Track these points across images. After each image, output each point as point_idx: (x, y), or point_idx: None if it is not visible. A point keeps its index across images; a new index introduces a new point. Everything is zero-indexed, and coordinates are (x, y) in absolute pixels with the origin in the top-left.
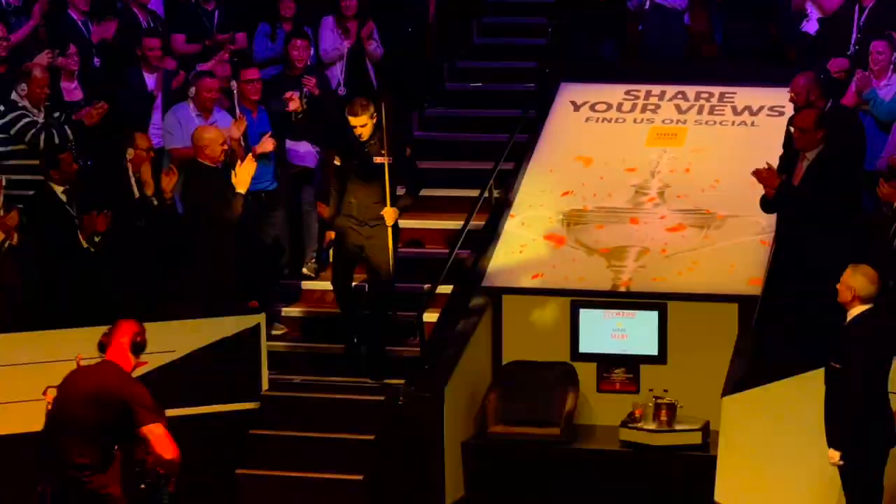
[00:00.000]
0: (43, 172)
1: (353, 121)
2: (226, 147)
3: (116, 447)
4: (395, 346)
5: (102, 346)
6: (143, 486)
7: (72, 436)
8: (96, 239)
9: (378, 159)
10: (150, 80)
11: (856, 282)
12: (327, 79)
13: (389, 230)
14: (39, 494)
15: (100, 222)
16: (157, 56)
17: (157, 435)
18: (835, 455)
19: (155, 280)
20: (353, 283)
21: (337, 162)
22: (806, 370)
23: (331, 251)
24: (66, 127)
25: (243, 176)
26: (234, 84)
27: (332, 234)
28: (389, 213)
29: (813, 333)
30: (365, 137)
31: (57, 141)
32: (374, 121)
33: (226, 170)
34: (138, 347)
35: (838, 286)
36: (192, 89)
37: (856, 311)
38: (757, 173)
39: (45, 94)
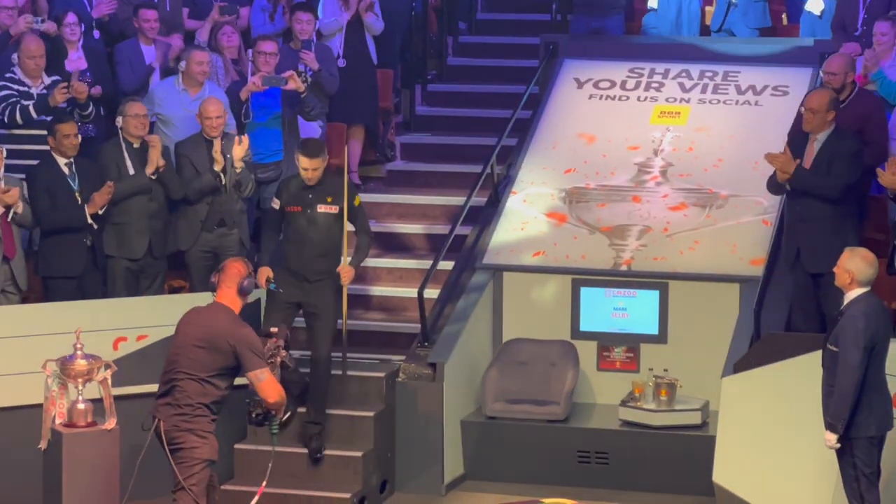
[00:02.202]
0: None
1: (306, 163)
2: (214, 122)
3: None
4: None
5: (213, 287)
6: (255, 414)
7: (185, 378)
8: (100, 212)
9: (323, 208)
10: (147, 52)
11: (853, 265)
12: (329, 50)
13: (345, 290)
14: (155, 427)
15: (102, 195)
16: (153, 28)
17: (262, 381)
18: (832, 438)
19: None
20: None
21: (275, 205)
22: (806, 352)
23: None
24: (31, 106)
25: (216, 154)
26: (248, 54)
27: (268, 271)
28: (347, 272)
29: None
30: (314, 182)
31: (20, 119)
32: (325, 164)
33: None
34: (245, 290)
35: (836, 269)
36: (183, 63)
37: (853, 293)
38: (772, 157)
39: (39, 65)
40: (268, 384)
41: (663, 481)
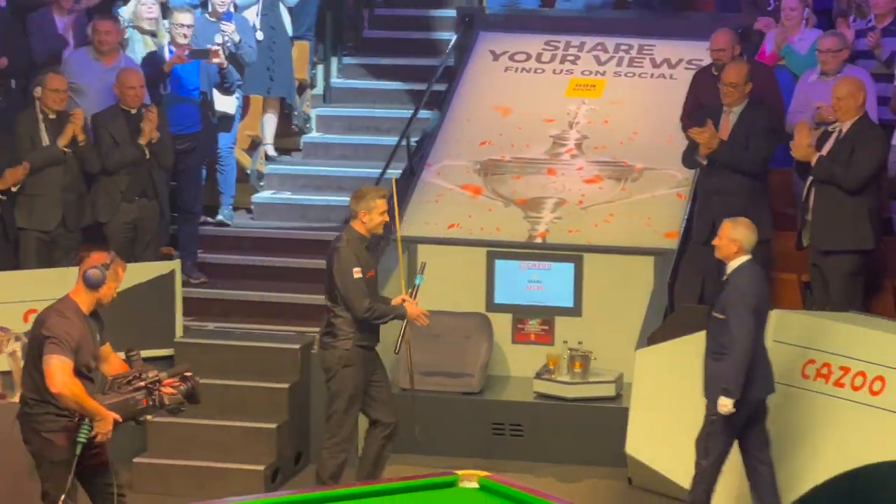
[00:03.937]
0: None
1: (383, 205)
2: (137, 92)
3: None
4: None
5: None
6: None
7: (25, 375)
8: (13, 189)
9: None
10: (60, 23)
11: (739, 234)
12: (246, 21)
13: (409, 344)
14: None
15: (14, 172)
16: None
17: (49, 365)
18: (728, 402)
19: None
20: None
21: (359, 274)
22: None
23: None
24: None
25: (145, 126)
26: (165, 24)
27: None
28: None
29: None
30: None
31: None
32: None
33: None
34: (90, 281)
35: (717, 242)
36: (89, 30)
37: (738, 261)
38: (697, 133)
39: None
40: (51, 370)
41: (577, 453)
